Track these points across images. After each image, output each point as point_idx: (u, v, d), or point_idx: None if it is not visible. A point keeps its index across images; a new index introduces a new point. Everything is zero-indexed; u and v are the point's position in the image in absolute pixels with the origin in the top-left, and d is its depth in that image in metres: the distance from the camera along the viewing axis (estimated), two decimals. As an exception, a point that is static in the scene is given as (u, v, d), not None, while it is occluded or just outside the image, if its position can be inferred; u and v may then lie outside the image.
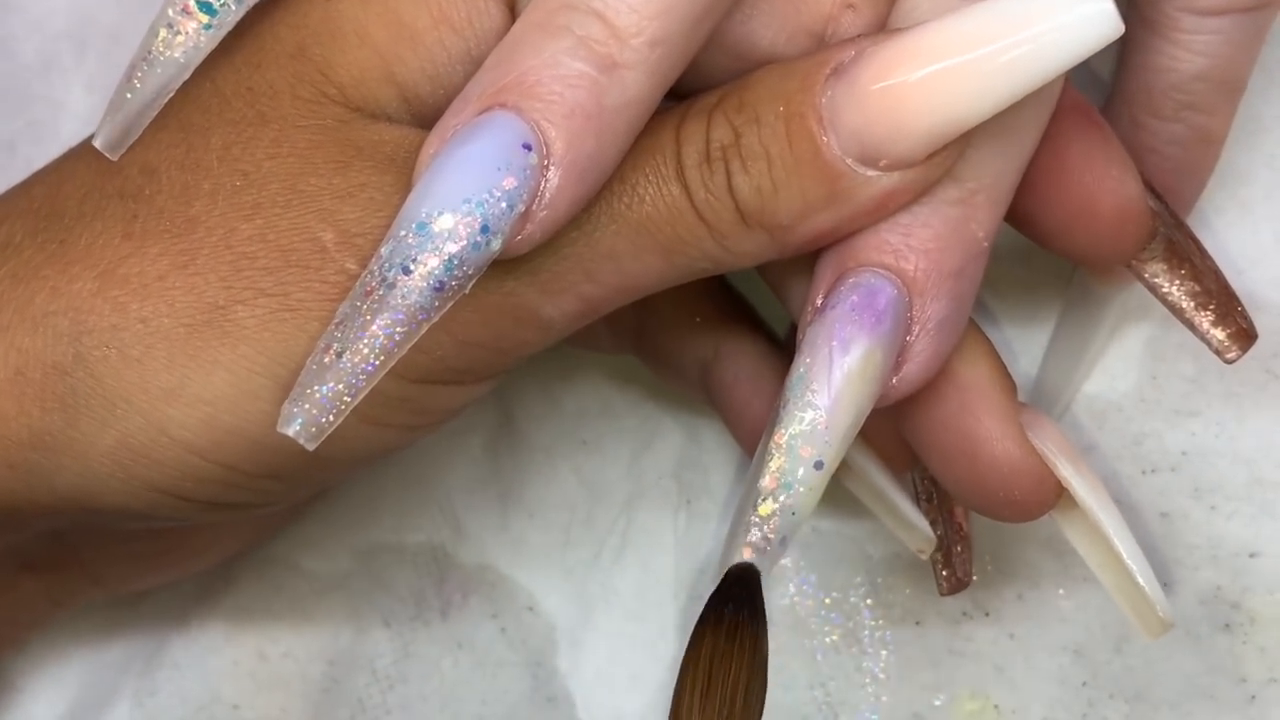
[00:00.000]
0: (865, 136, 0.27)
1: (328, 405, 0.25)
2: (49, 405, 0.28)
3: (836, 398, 0.27)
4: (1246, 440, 0.36)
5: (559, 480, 0.39)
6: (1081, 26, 0.25)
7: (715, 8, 0.27)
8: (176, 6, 0.28)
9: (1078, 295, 0.36)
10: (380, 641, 0.38)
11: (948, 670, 0.37)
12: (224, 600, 0.39)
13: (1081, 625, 0.36)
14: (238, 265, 0.27)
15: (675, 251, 0.28)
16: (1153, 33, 0.32)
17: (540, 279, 0.27)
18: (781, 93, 0.27)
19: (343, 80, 0.28)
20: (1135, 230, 0.31)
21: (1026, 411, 0.31)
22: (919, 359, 0.28)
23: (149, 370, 0.27)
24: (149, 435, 0.28)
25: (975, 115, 0.26)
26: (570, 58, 0.26)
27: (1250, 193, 0.36)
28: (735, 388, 0.34)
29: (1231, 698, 0.36)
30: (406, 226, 0.25)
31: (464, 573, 0.38)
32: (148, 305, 0.27)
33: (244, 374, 0.27)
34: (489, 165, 0.25)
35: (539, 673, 0.38)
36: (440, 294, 0.25)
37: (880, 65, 0.26)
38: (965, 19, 0.26)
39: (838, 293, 0.28)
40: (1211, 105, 0.32)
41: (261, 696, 0.38)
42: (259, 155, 0.28)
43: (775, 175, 0.27)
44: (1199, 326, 0.33)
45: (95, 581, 0.36)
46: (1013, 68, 0.26)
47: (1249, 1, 0.31)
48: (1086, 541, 0.32)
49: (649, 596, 0.38)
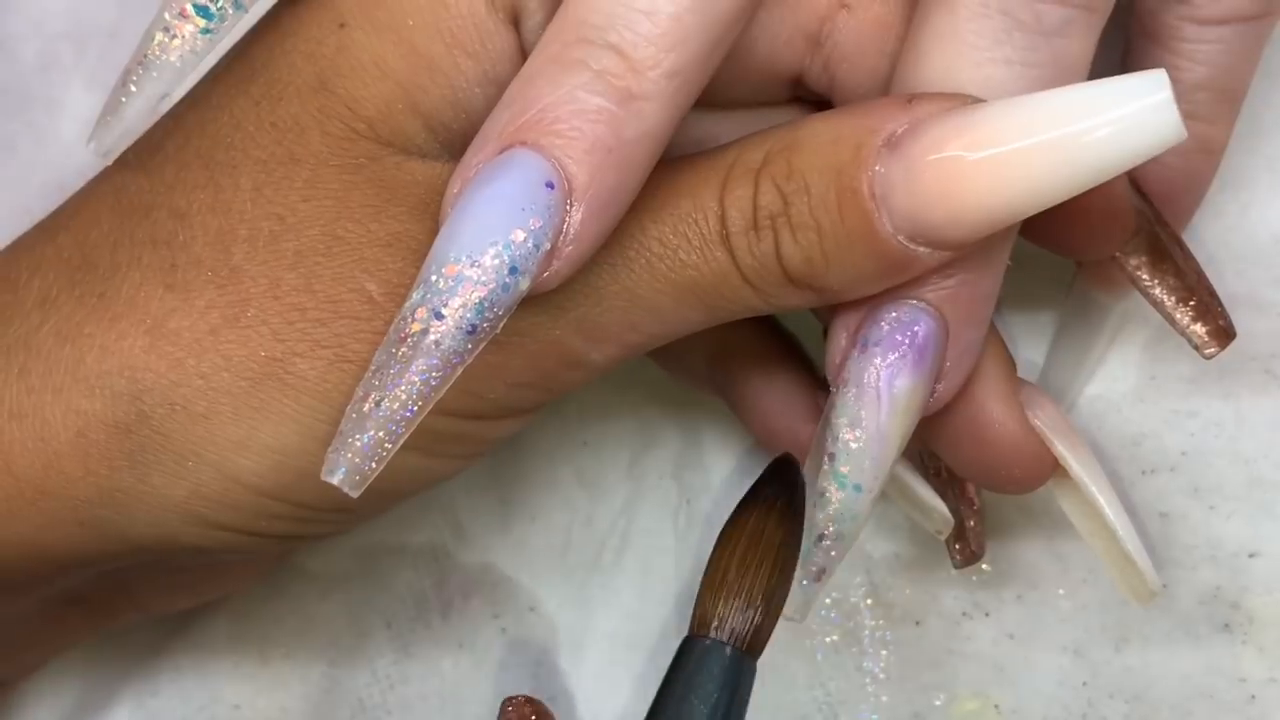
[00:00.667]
0: (918, 220, 0.26)
1: (369, 453, 0.25)
2: (117, 464, 0.28)
3: (885, 435, 0.28)
4: (1245, 440, 0.36)
5: (559, 481, 0.39)
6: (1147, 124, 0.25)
7: (729, 35, 0.27)
8: (173, 10, 0.27)
9: (1078, 303, 0.36)
10: (381, 642, 0.38)
11: (948, 670, 0.37)
12: (225, 602, 0.39)
13: (1081, 625, 0.36)
14: (288, 318, 0.27)
15: (718, 307, 0.28)
16: (1154, 42, 0.32)
17: (585, 328, 0.28)
18: (833, 162, 0.27)
19: (370, 115, 0.28)
20: (1119, 225, 0.31)
21: (1025, 389, 0.31)
22: (951, 379, 0.29)
23: (215, 425, 0.28)
24: (222, 485, 0.28)
25: (1030, 207, 0.26)
26: (588, 93, 0.26)
27: (1250, 194, 0.37)
28: (746, 381, 0.34)
29: (1231, 697, 0.36)
30: (436, 271, 0.25)
31: (465, 573, 0.38)
32: (205, 361, 0.27)
33: (310, 423, 0.28)
34: (514, 206, 0.25)
35: (539, 673, 0.38)
36: (473, 336, 0.25)
37: (935, 142, 0.26)
38: (1028, 104, 0.26)
39: (878, 326, 0.28)
40: (1212, 114, 0.33)
41: (262, 697, 0.38)
42: (293, 198, 0.28)
43: (826, 247, 0.27)
44: (1179, 321, 0.33)
45: (138, 608, 0.36)
46: (1074, 161, 0.25)
47: (1250, 11, 0.31)
48: (1079, 512, 0.33)
49: (649, 596, 0.38)
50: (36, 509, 0.28)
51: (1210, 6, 0.31)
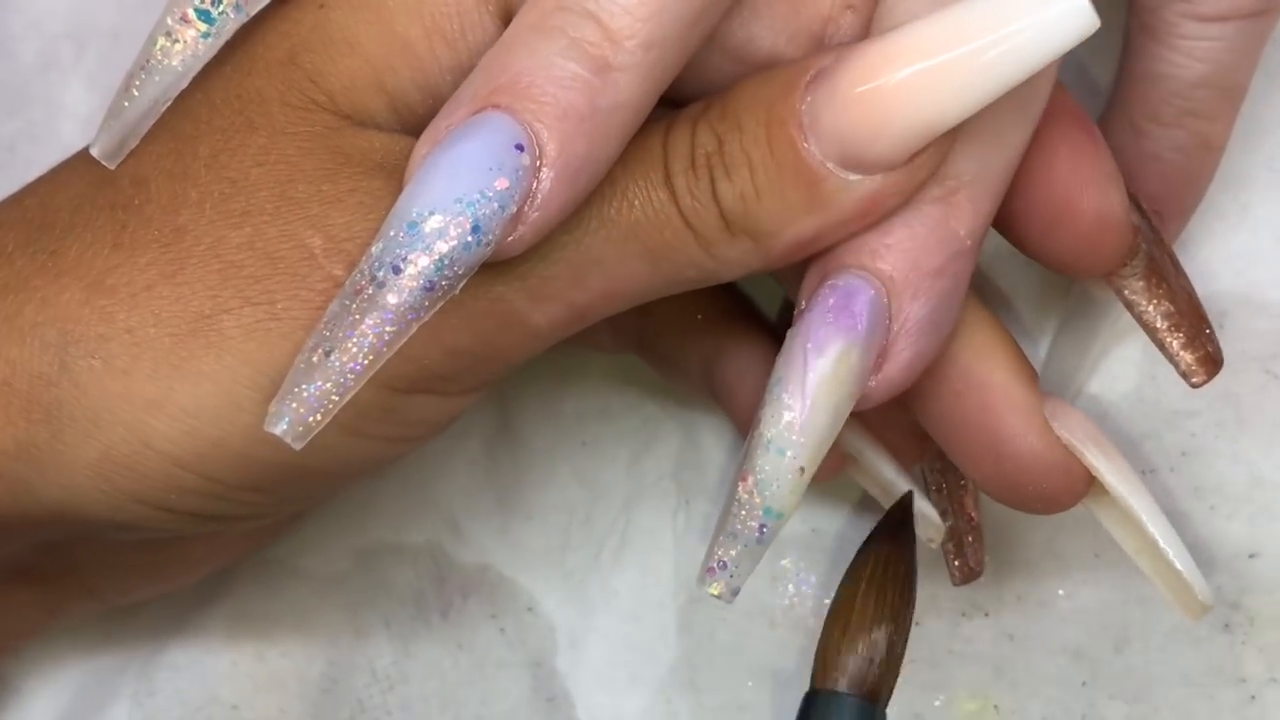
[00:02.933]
0: (845, 140, 0.26)
1: (315, 404, 0.25)
2: (35, 417, 0.27)
3: (811, 400, 0.28)
4: (1246, 441, 0.36)
5: (558, 481, 0.39)
6: (1058, 23, 0.25)
7: (710, 11, 0.27)
8: (175, 15, 0.27)
9: (1078, 300, 0.36)
10: (380, 642, 0.38)
11: (947, 670, 0.37)
12: (223, 601, 0.39)
13: (1081, 625, 0.36)
14: (225, 274, 0.27)
15: (662, 258, 0.28)
16: (1153, 39, 0.32)
17: (529, 284, 0.27)
18: (763, 99, 0.27)
19: (332, 88, 0.28)
20: (1114, 242, 0.31)
21: (1050, 401, 0.30)
22: (899, 359, 0.28)
23: (134, 381, 0.27)
24: (132, 447, 0.27)
25: (953, 115, 0.26)
26: (564, 59, 0.26)
27: (1250, 194, 0.37)
28: (739, 384, 0.34)
29: (1231, 698, 0.36)
30: (397, 226, 0.25)
31: (464, 574, 0.38)
32: (135, 315, 0.27)
33: (228, 385, 0.27)
34: (481, 166, 0.25)
35: (538, 673, 0.38)
36: (430, 294, 0.25)
37: (860, 69, 0.26)
38: (941, 20, 0.26)
39: (817, 294, 0.28)
40: (1212, 112, 0.32)
41: (260, 697, 0.38)
42: (247, 163, 0.28)
43: (757, 182, 0.27)
44: (1169, 347, 0.32)
45: (90, 593, 0.36)
46: (990, 66, 0.25)
47: (1251, 8, 0.31)
48: (1120, 527, 0.31)
49: (648, 597, 0.38)
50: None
51: (1211, 3, 0.31)
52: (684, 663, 0.38)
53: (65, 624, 0.38)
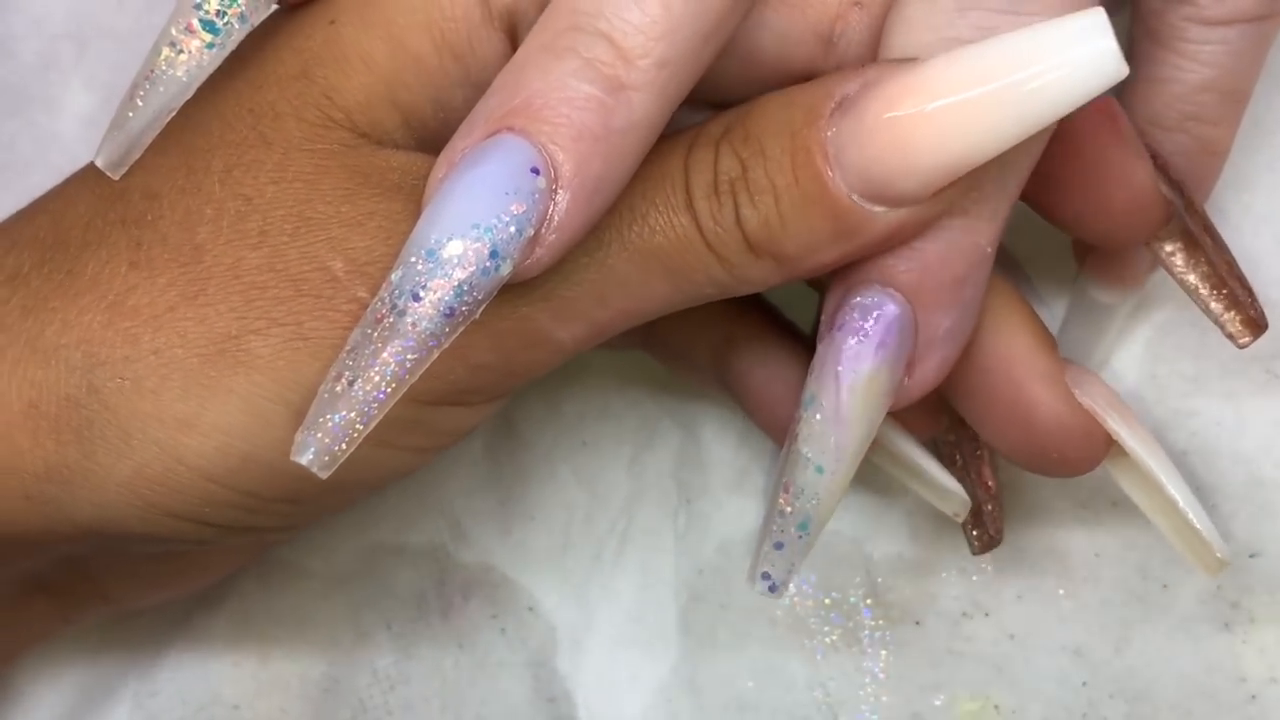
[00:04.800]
0: (871, 173, 0.26)
1: (340, 434, 0.25)
2: (65, 438, 0.28)
3: (845, 418, 0.28)
4: (1246, 440, 0.36)
5: (559, 481, 0.39)
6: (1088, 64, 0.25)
7: (722, 27, 0.27)
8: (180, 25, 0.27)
9: (1082, 303, 0.36)
10: (381, 642, 0.38)
11: (947, 670, 0.37)
12: (225, 601, 0.39)
13: (1081, 625, 0.36)
14: (248, 295, 0.27)
15: (683, 278, 0.28)
16: (1157, 44, 0.32)
17: (552, 304, 0.28)
18: (786, 125, 0.27)
19: (348, 104, 0.28)
20: (1146, 213, 0.31)
21: (1071, 369, 0.31)
22: (927, 366, 0.29)
23: (164, 401, 0.27)
24: (165, 464, 0.28)
25: (982, 154, 0.26)
26: (577, 80, 0.26)
27: (1252, 195, 0.36)
28: (750, 374, 0.34)
29: (1231, 698, 0.36)
30: (416, 252, 0.25)
31: (465, 574, 0.38)
32: (160, 336, 0.27)
33: (259, 402, 0.27)
34: (498, 190, 0.25)
35: (539, 673, 0.38)
36: (451, 320, 0.25)
37: (886, 99, 0.26)
38: (972, 55, 0.26)
39: (843, 311, 0.28)
40: (1216, 116, 0.32)
41: (262, 698, 0.38)
42: (262, 179, 0.28)
43: (782, 209, 0.27)
44: (1212, 310, 0.33)
45: (105, 599, 0.36)
46: (1022, 105, 0.25)
47: (1255, 12, 0.31)
48: (1138, 488, 0.33)
49: (649, 597, 0.38)
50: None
51: (1215, 7, 0.31)
52: (684, 663, 0.38)
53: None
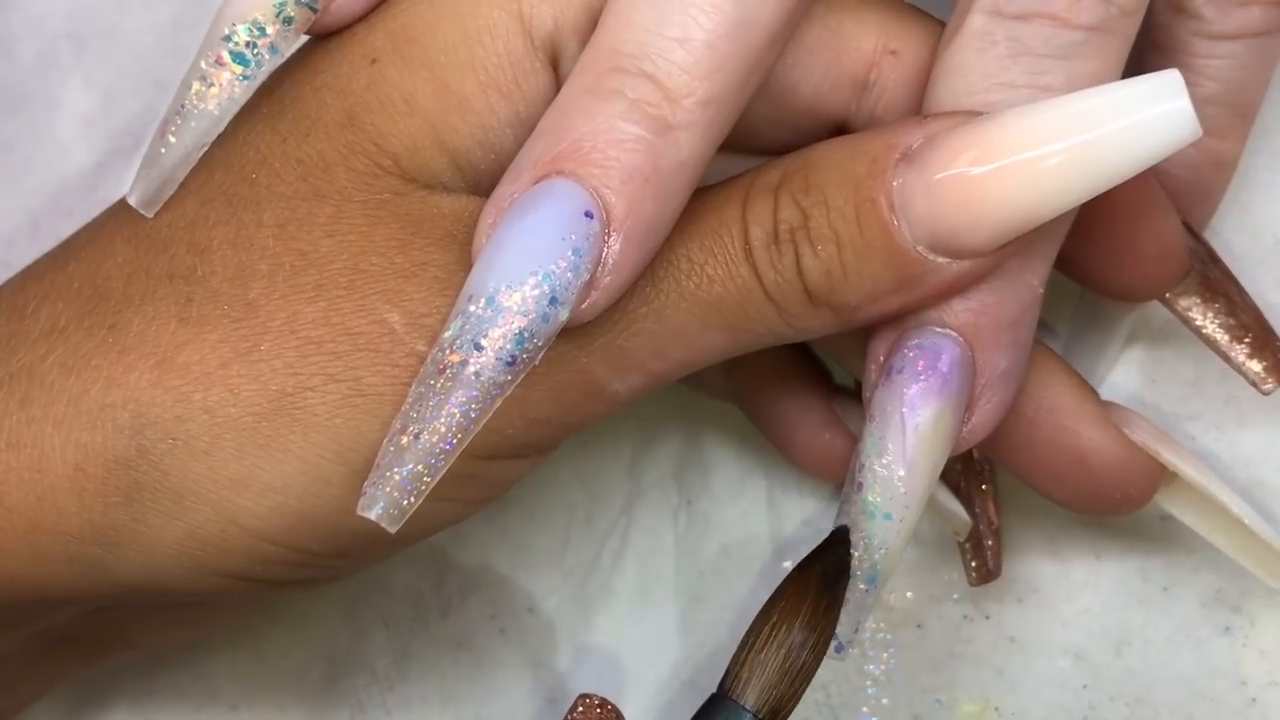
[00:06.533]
0: (938, 227, 0.26)
1: (408, 487, 0.25)
2: (112, 500, 0.27)
3: (912, 463, 0.28)
4: (1246, 443, 0.36)
5: (559, 481, 0.39)
6: (1160, 124, 0.25)
7: (763, 63, 0.27)
8: (209, 58, 0.27)
9: (1088, 315, 0.36)
10: (379, 642, 0.38)
11: (948, 673, 0.37)
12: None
13: (1082, 628, 0.36)
14: (304, 351, 0.27)
15: (741, 329, 0.28)
16: (1164, 56, 0.32)
17: (610, 355, 0.27)
18: (850, 175, 0.27)
19: (396, 150, 0.28)
20: (1174, 267, 0.31)
21: (1114, 409, 0.32)
22: (987, 409, 0.29)
23: (217, 461, 0.27)
24: (219, 526, 0.27)
25: (1050, 210, 0.26)
26: (624, 122, 0.26)
27: (1251, 195, 0.36)
28: (760, 389, 0.34)
29: (1232, 700, 0.36)
30: (475, 301, 0.25)
31: (463, 573, 0.38)
32: (212, 395, 0.27)
33: (316, 461, 0.27)
34: (554, 235, 0.25)
35: (539, 673, 0.38)
36: (513, 368, 0.25)
37: (953, 153, 0.26)
38: (1044, 112, 0.26)
39: (902, 354, 0.28)
40: (1223, 129, 0.32)
41: (260, 697, 0.38)
42: (316, 233, 0.27)
43: (845, 259, 0.27)
44: (1234, 359, 0.33)
45: (130, 644, 0.35)
46: (1094, 165, 0.25)
47: (1261, 26, 0.31)
48: (1194, 512, 0.33)
49: (649, 597, 0.38)
50: (27, 543, 0.27)
51: (1221, 22, 0.31)
52: (684, 663, 0.38)
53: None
